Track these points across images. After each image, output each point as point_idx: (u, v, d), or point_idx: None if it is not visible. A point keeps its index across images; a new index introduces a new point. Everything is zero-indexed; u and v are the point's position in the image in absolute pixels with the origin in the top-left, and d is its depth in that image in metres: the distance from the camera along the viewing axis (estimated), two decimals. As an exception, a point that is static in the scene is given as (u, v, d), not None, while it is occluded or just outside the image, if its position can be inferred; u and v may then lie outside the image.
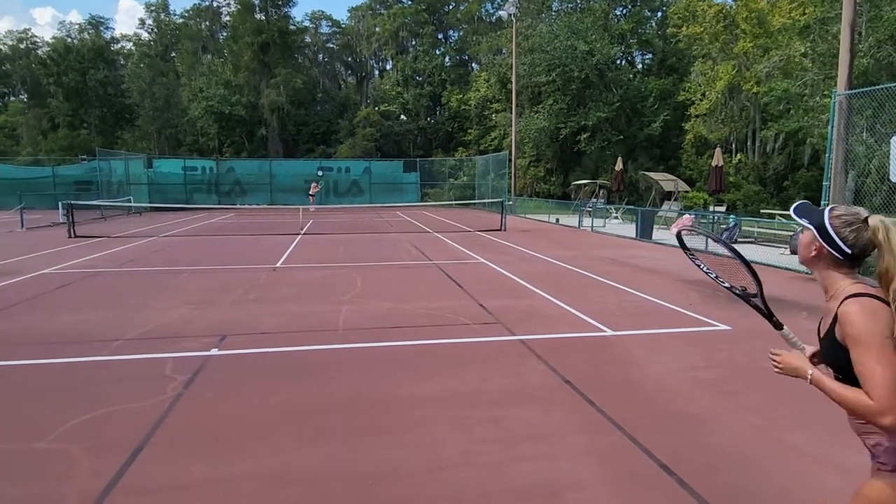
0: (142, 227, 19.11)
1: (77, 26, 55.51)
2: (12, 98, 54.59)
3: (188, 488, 2.89)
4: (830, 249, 1.64)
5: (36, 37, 57.87)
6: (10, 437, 3.43)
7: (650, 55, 38.39)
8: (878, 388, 1.49)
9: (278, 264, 10.65)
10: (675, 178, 22.55)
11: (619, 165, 23.36)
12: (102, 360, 4.91)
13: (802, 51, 22.52)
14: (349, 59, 55.99)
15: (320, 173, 34.79)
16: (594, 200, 24.97)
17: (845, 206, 1.68)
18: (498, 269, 10.19)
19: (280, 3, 42.84)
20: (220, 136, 42.98)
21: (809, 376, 1.71)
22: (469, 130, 43.50)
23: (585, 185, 28.09)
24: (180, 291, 7.96)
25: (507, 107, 36.36)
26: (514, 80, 31.12)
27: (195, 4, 51.46)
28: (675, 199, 21.52)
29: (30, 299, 7.41)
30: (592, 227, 18.68)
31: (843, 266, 1.66)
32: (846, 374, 1.62)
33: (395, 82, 47.41)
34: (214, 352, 5.15)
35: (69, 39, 49.86)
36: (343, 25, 54.69)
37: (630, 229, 17.30)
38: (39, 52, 52.22)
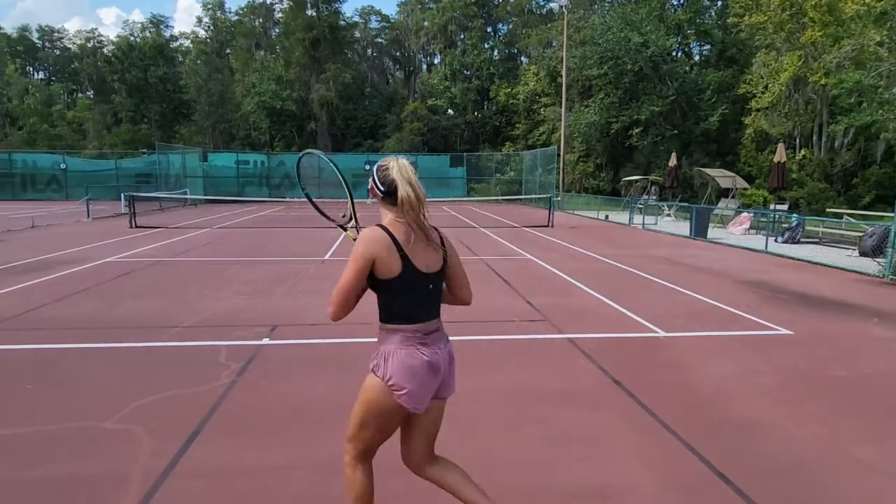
0: (197, 218, 19.88)
1: (139, 25, 58.34)
2: (80, 95, 57.86)
3: (243, 473, 2.97)
4: (376, 188, 2.15)
5: (102, 36, 61.23)
6: (78, 416, 3.62)
7: (708, 46, 36.88)
8: (336, 288, 2.07)
9: (326, 257, 10.86)
10: (732, 174, 21.60)
11: (672, 161, 22.61)
12: (162, 346, 5.13)
13: (878, 39, 21.15)
14: (397, 53, 56.48)
15: (367, 167, 35.24)
16: (646, 197, 24.29)
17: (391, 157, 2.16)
18: (545, 265, 10.06)
19: (331, -2, 43.63)
20: (271, 130, 44.23)
21: None
22: (517, 125, 43.10)
23: (637, 181, 27.37)
24: (233, 281, 8.23)
25: (557, 101, 35.81)
26: (564, 73, 30.58)
27: (249, 2, 53.03)
28: (732, 197, 20.65)
29: (95, 286, 7.82)
30: (644, 224, 18.18)
31: (387, 202, 2.14)
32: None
33: (442, 76, 47.48)
34: (266, 341, 5.29)
35: (132, 38, 52.42)
36: (392, 20, 55.20)
37: (684, 227, 16.74)
38: (105, 50, 55.12)
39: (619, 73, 31.90)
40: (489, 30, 50.16)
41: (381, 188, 2.15)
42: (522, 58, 49.71)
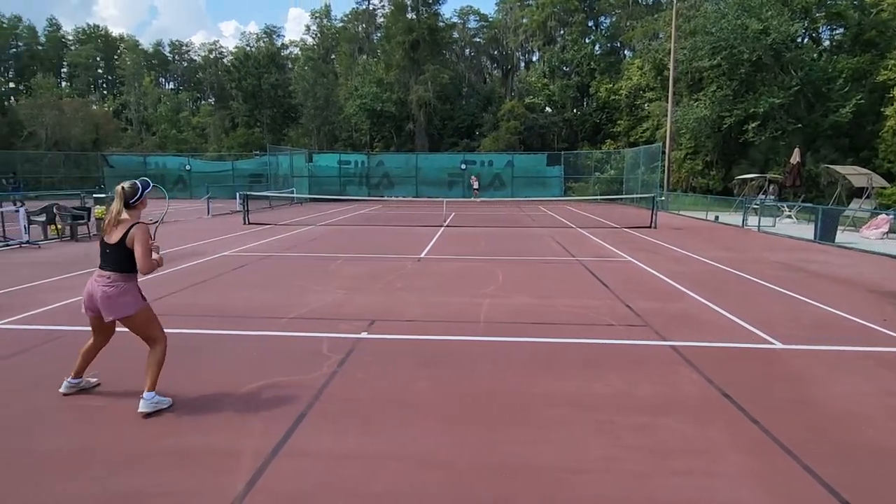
0: (302, 216, 21.11)
1: (255, 36, 63.05)
2: (203, 102, 63.53)
3: (342, 458, 3.11)
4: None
5: (222, 47, 66.98)
6: (199, 395, 3.97)
7: (841, 29, 33.16)
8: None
9: (422, 255, 11.09)
10: (868, 172, 19.28)
11: (795, 157, 20.62)
12: (271, 336, 5.49)
13: None
14: (495, 52, 56.39)
15: (463, 167, 35.57)
16: (762, 196, 22.40)
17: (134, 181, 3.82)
18: (646, 268, 9.59)
19: (430, 1, 44.37)
20: (371, 131, 45.95)
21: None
22: (618, 122, 41.46)
23: (752, 179, 25.33)
24: (335, 277, 8.64)
25: (662, 95, 34.00)
26: (671, 65, 28.96)
27: (354, 8, 55.47)
28: (867, 197, 18.44)
29: (213, 278, 8.55)
30: (759, 226, 16.78)
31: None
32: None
33: (541, 74, 46.74)
34: (364, 335, 5.49)
35: (248, 48, 56.73)
36: (490, 19, 55.19)
37: (807, 230, 15.25)
38: (224, 60, 60.10)
39: (733, 64, 29.63)
40: (591, 24, 48.62)
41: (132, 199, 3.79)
42: (626, 52, 47.69)
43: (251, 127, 50.44)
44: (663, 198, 24.37)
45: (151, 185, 3.93)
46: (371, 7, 54.41)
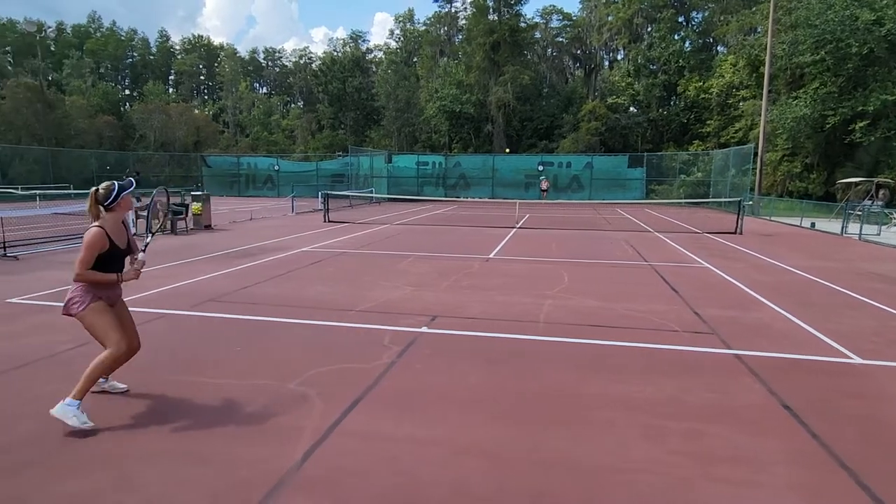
0: (379, 215, 21.85)
1: (341, 41, 65.63)
2: (293, 105, 67.02)
3: (392, 441, 3.34)
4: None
5: (311, 53, 70.28)
6: (269, 376, 4.36)
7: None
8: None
9: (491, 255, 11.22)
10: None
11: (908, 160, 18.74)
12: (339, 326, 5.85)
13: None
14: (578, 51, 55.30)
15: (540, 168, 35.23)
16: (868, 202, 20.55)
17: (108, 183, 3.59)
18: (723, 275, 9.17)
19: (512, 1, 44.26)
20: (450, 132, 46.52)
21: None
22: (708, 121, 39.37)
23: (858, 183, 23.28)
24: (404, 274, 8.97)
25: (758, 93, 31.93)
26: (767, 60, 27.17)
27: (436, 11, 56.26)
28: None
29: (292, 271, 9.14)
30: (861, 234, 15.44)
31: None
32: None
33: (625, 73, 45.35)
34: (425, 329, 5.72)
35: (335, 53, 59.23)
36: (574, 18, 54.19)
37: (916, 240, 13.86)
38: (313, 65, 63.07)
39: (839, 58, 27.30)
40: (681, 20, 46.49)
41: (106, 202, 3.56)
42: (718, 48, 45.22)
43: (335, 129, 52.66)
44: (751, 202, 22.92)
45: (134, 184, 3.74)
46: (453, 10, 55.10)
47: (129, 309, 4.00)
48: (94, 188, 3.57)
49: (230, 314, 6.25)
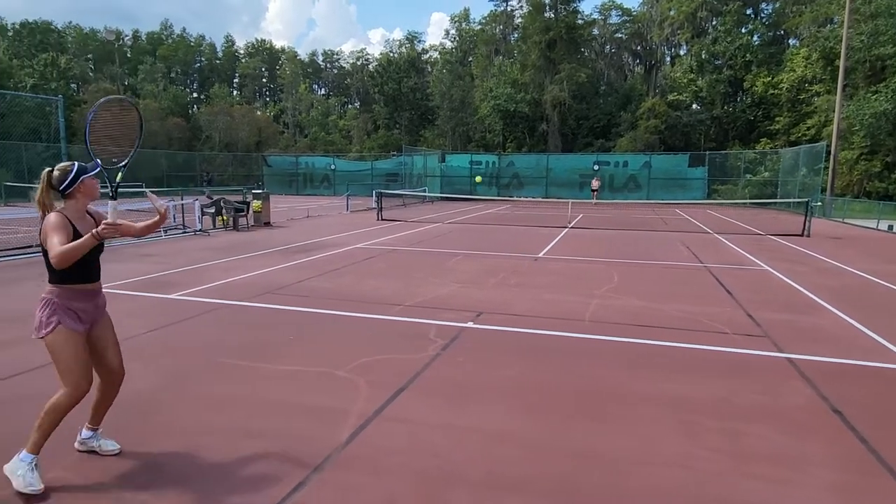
0: (431, 214, 22.12)
1: (397, 42, 66.63)
2: (350, 106, 68.63)
3: (431, 427, 3.49)
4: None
5: (368, 54, 71.65)
6: (322, 363, 4.61)
7: None
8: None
9: (540, 254, 11.21)
10: None
11: None
12: (388, 319, 6.07)
13: None
14: (638, 47, 53.89)
15: (596, 167, 34.60)
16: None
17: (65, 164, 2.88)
18: (784, 278, 8.81)
19: (569, -1, 43.65)
20: (504, 132, 46.37)
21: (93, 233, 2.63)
22: (777, 118, 37.48)
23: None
24: (453, 271, 9.12)
25: (832, 88, 30.15)
26: (843, 53, 25.61)
27: (492, 11, 56.18)
28: None
29: (347, 266, 9.48)
30: (943, 238, 14.38)
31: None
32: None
33: (687, 69, 43.74)
34: (470, 324, 5.85)
35: (391, 54, 60.17)
36: (634, 13, 52.83)
37: None
38: (370, 66, 64.34)
39: (925, 49, 25.45)
40: (748, 12, 44.43)
41: (58, 186, 2.83)
42: (790, 40, 42.94)
43: (390, 129, 53.54)
44: (819, 203, 21.68)
45: (99, 166, 2.88)
46: (509, 9, 54.88)
47: (192, 299, 4.27)
48: (46, 169, 2.83)
49: (286, 306, 6.59)
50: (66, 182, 2.80)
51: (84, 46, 61.94)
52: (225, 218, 15.55)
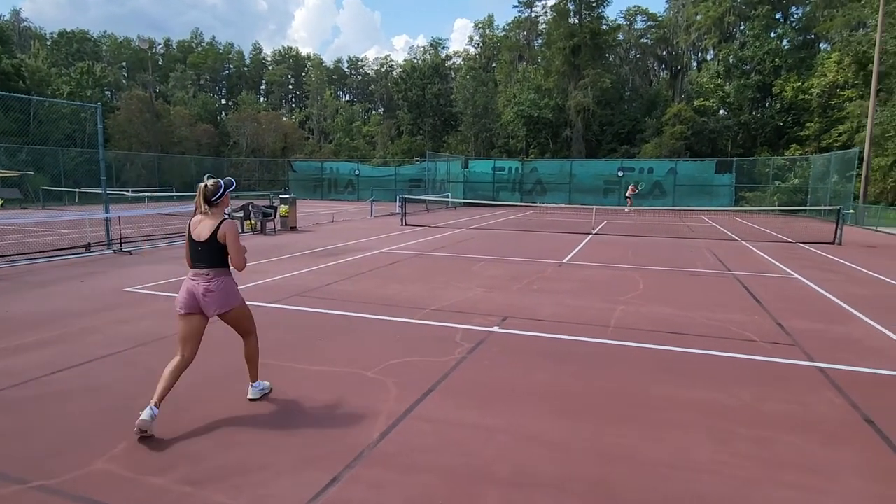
0: (455, 219, 22.22)
1: (421, 49, 67.09)
2: (374, 112, 69.30)
3: (459, 426, 3.56)
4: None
5: (392, 61, 72.27)
6: (351, 364, 4.72)
7: None
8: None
9: (564, 260, 11.20)
10: None
11: None
12: (414, 323, 6.16)
13: None
14: (664, 52, 53.34)
15: (620, 174, 34.32)
16: None
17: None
18: (814, 286, 8.66)
19: (594, 4, 43.46)
20: (527, 137, 46.29)
21: None
22: (807, 124, 36.72)
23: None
24: (477, 276, 9.18)
25: (865, 93, 29.45)
26: (876, 57, 25.04)
27: (516, 17, 56.26)
28: None
29: (371, 270, 9.61)
30: (983, 247, 13.92)
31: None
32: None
33: (714, 74, 43.19)
34: (496, 329, 5.91)
35: (415, 60, 60.61)
36: (660, 18, 52.37)
37: None
38: (394, 73, 64.92)
39: (963, 53, 24.72)
40: (778, 16, 43.68)
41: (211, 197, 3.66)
42: (821, 45, 42.08)
43: (414, 135, 53.90)
44: (852, 211, 21.17)
45: (235, 184, 3.81)
46: (533, 15, 54.91)
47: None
48: (202, 183, 3.65)
49: (314, 308, 6.73)
50: (218, 195, 3.67)
51: (118, 55, 63.87)
52: (253, 222, 15.86)
